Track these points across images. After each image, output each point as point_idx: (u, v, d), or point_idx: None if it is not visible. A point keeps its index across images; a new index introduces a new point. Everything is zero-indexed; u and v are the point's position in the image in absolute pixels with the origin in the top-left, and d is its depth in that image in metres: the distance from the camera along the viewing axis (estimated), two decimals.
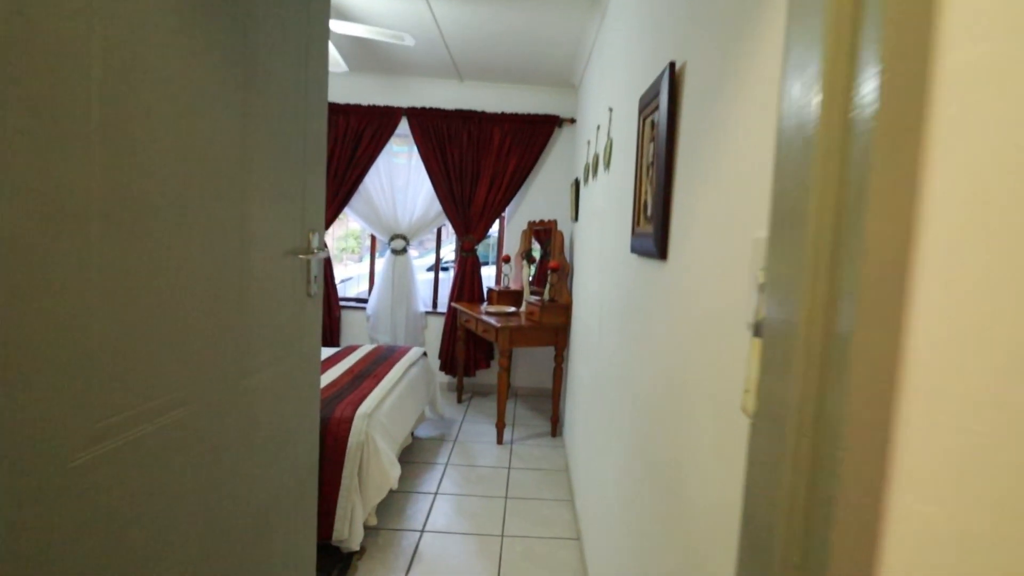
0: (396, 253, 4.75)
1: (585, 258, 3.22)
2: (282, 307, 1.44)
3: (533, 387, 4.84)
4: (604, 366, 2.20)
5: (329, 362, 3.27)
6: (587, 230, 3.22)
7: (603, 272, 2.36)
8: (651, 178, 1.43)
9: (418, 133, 4.59)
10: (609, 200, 2.34)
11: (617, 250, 1.99)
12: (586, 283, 3.12)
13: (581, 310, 3.31)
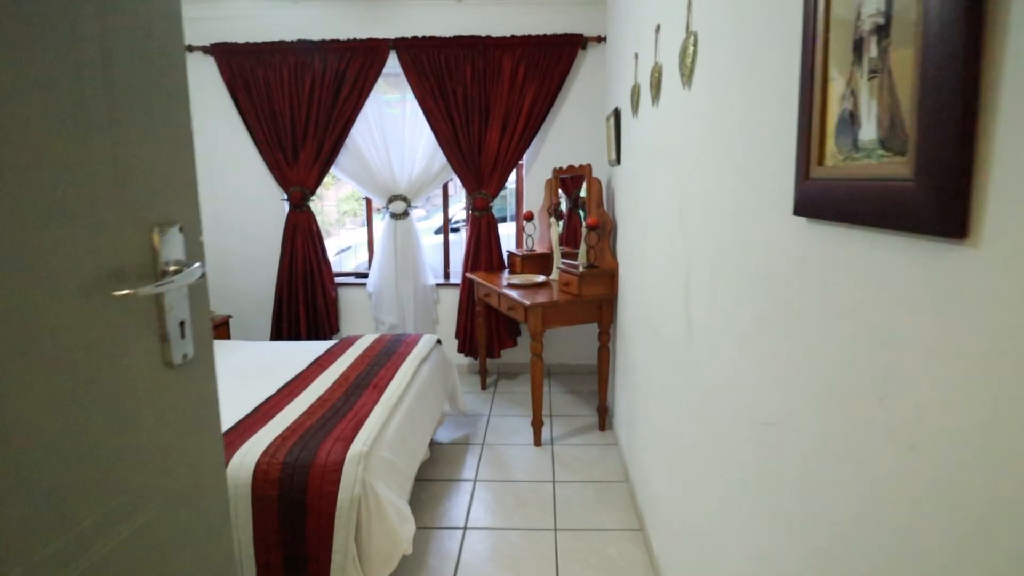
0: (396, 217, 4.00)
1: (637, 211, 2.45)
2: (94, 406, 0.71)
3: (570, 363, 4.16)
4: (705, 379, 1.48)
5: (317, 367, 2.59)
6: (638, 175, 2.44)
7: (695, 237, 1.61)
8: (886, 70, 0.66)
9: (411, 70, 3.75)
10: (695, 128, 1.56)
11: (741, 208, 1.24)
12: (641, 243, 2.37)
13: (634, 277, 2.57)
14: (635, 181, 2.51)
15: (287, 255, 3.98)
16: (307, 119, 3.84)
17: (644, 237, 2.30)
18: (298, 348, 2.95)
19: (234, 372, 2.58)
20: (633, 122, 2.52)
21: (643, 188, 2.32)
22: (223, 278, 4.23)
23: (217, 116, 4.01)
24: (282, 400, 2.19)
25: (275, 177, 3.98)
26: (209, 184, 4.11)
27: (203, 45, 3.88)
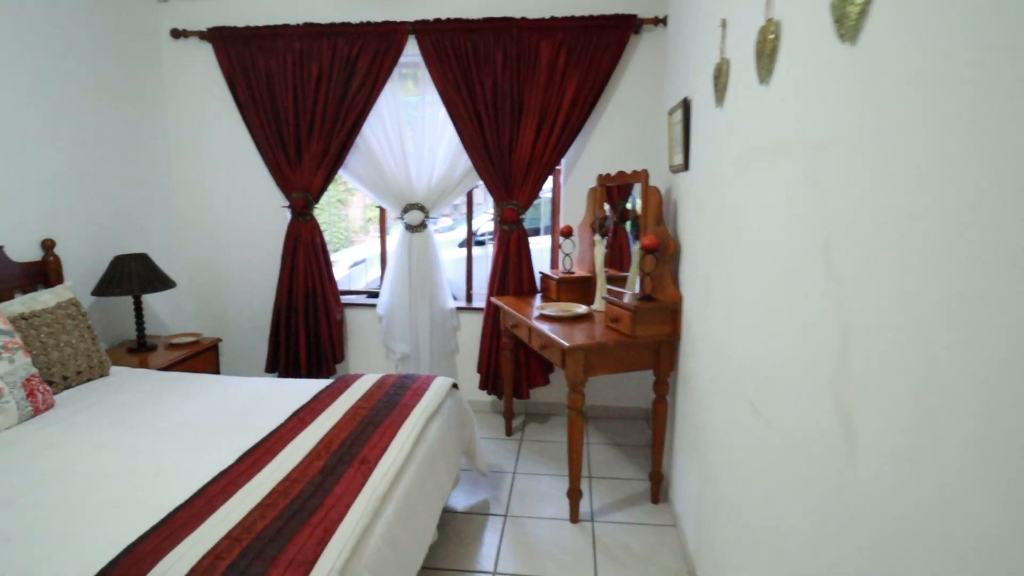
0: (412, 229, 3.44)
1: (720, 231, 1.83)
2: None
3: (613, 406, 3.53)
4: (883, 530, 0.85)
5: (298, 421, 2.02)
6: (722, 184, 1.81)
7: (865, 291, 0.99)
8: None
9: (432, 58, 3.20)
10: (874, 108, 0.94)
11: (993, 250, 0.61)
12: (729, 277, 1.75)
13: (709, 317, 1.95)
14: (716, 192, 1.88)
15: (287, 270, 3.46)
16: (313, 114, 3.32)
17: (735, 270, 1.67)
18: (282, 389, 2.40)
19: (191, 422, 2.04)
20: (715, 113, 1.90)
21: (732, 202, 1.70)
22: (216, 295, 3.73)
23: (214, 111, 3.52)
24: (239, 476, 1.63)
25: (276, 181, 3.47)
26: (204, 188, 3.63)
27: (199, 30, 3.40)
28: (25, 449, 1.83)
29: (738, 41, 1.69)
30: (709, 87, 1.97)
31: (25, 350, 2.18)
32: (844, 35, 1.02)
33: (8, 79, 2.54)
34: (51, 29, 2.75)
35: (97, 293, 2.87)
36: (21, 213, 2.63)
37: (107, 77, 3.10)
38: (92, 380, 2.50)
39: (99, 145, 3.06)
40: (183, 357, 3.02)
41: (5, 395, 2.00)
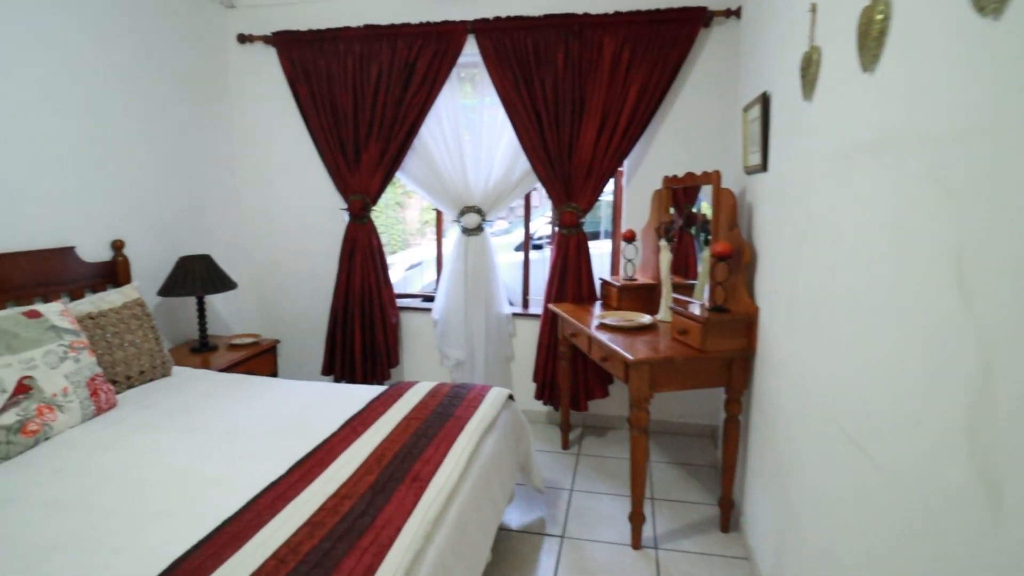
0: (469, 232, 3.36)
1: (808, 242, 1.65)
2: None
3: (677, 422, 3.34)
4: None
5: (351, 431, 1.96)
6: (812, 187, 1.63)
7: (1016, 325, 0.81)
8: None
9: (491, 57, 3.11)
10: None
11: None
12: (819, 290, 1.56)
13: (791, 332, 1.76)
14: (804, 195, 1.70)
15: (344, 273, 3.46)
16: (371, 116, 3.30)
17: (828, 283, 1.49)
18: (336, 396, 2.36)
19: (247, 427, 2.01)
20: (802, 108, 1.72)
21: (825, 206, 1.51)
22: (276, 297, 3.78)
23: (276, 114, 3.56)
24: (289, 489, 1.58)
25: (335, 183, 3.47)
26: (266, 190, 3.67)
27: (264, 35, 3.44)
28: (84, 450, 1.84)
29: (833, 26, 1.51)
30: (794, 80, 1.78)
31: (91, 349, 2.22)
32: (985, 8, 0.84)
33: (85, 85, 2.62)
34: (126, 36, 2.83)
35: (163, 293, 2.93)
36: (93, 214, 2.71)
37: (177, 83, 3.17)
38: (154, 380, 2.54)
39: (168, 148, 3.13)
40: (243, 358, 3.04)
41: (69, 394, 2.03)
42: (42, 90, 2.44)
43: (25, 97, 2.37)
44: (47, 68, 2.46)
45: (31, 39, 2.38)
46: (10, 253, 2.31)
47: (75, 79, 2.58)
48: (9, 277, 2.30)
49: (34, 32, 2.40)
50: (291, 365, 3.77)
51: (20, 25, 2.34)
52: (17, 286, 2.32)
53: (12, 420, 1.84)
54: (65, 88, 2.54)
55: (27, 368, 1.94)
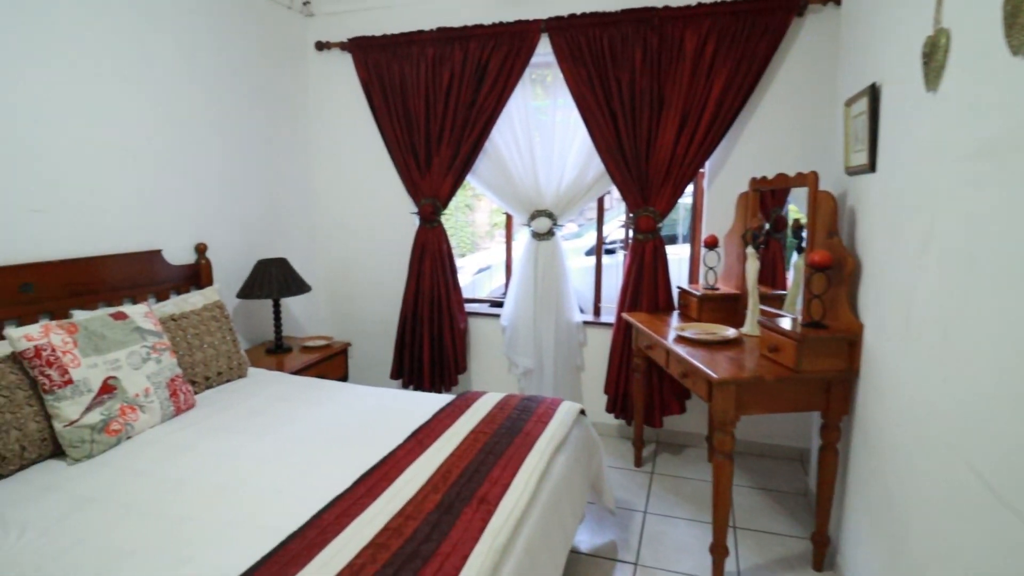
0: (539, 237, 3.26)
1: (930, 254, 1.43)
2: None
3: (761, 442, 3.10)
4: None
5: (416, 443, 1.90)
6: (939, 191, 1.41)
7: None
8: None
9: (565, 56, 3.00)
10: None
11: None
12: (951, 307, 1.35)
13: (906, 355, 1.54)
14: (927, 199, 1.48)
15: (413, 277, 3.44)
16: (443, 119, 3.26)
17: (962, 302, 1.28)
18: (404, 404, 2.32)
19: (315, 434, 2.00)
20: (924, 100, 1.50)
21: (958, 213, 1.30)
22: (348, 300, 3.82)
23: (351, 120, 3.61)
24: (354, 504, 1.53)
25: (406, 187, 3.47)
26: (340, 195, 3.73)
27: (340, 41, 3.48)
28: (162, 452, 1.88)
29: (967, 6, 1.29)
30: (914, 68, 1.56)
31: (172, 351, 2.28)
32: None
33: (173, 96, 2.72)
34: (212, 48, 2.92)
35: (242, 295, 3.01)
36: (179, 219, 2.81)
37: (258, 91, 3.26)
38: (231, 381, 2.59)
39: (249, 154, 3.22)
40: (315, 360, 3.08)
41: (150, 395, 2.09)
42: (133, 101, 2.55)
43: (119, 109, 2.48)
44: (138, 81, 2.56)
45: (129, 54, 2.49)
46: (104, 256, 2.42)
47: (164, 90, 2.68)
48: (103, 278, 2.40)
49: (131, 46, 2.50)
50: (361, 368, 3.80)
51: (120, 41, 2.45)
52: (110, 287, 2.43)
53: (97, 419, 1.90)
54: (154, 99, 2.64)
55: (112, 368, 2.01)
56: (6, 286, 2.07)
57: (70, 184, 2.31)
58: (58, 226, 2.27)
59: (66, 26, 2.26)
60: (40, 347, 1.85)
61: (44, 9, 2.18)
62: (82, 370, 1.92)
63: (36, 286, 2.16)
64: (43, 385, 1.83)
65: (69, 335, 1.95)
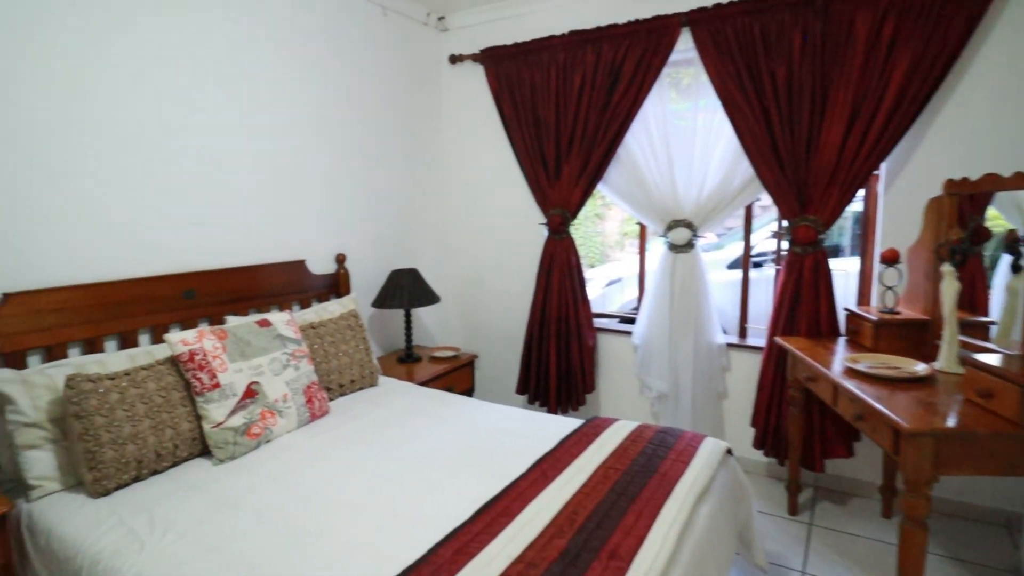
0: (676, 249, 3.00)
1: None
2: None
3: (954, 500, 2.56)
4: None
5: (540, 474, 1.75)
6: None
7: None
8: None
9: (709, 50, 2.72)
10: None
11: None
12: None
13: None
14: None
15: (541, 290, 3.33)
16: (574, 126, 3.12)
17: None
18: (528, 426, 2.19)
19: (438, 452, 1.93)
20: None
21: None
22: (476, 312, 3.80)
23: (481, 131, 3.59)
24: (471, 541, 1.41)
25: (535, 198, 3.37)
26: (470, 206, 3.73)
27: (473, 53, 3.49)
28: (295, 459, 1.91)
29: None
30: None
31: (309, 358, 2.35)
32: None
33: (316, 115, 2.86)
34: (355, 65, 3.04)
35: (376, 305, 3.08)
36: (321, 231, 2.94)
37: (396, 107, 3.35)
38: (363, 389, 2.64)
39: (386, 168, 3.31)
40: (443, 371, 3.07)
41: (288, 401, 2.16)
42: (284, 122, 2.70)
43: (271, 129, 2.64)
44: (289, 103, 2.71)
45: (282, 76, 2.65)
46: (255, 265, 2.57)
47: (312, 110, 2.83)
48: (254, 286, 2.56)
49: (282, 68, 2.66)
50: (488, 379, 3.76)
51: (274, 63, 2.61)
52: (259, 294, 2.58)
53: (240, 423, 1.98)
54: (303, 118, 2.79)
55: (255, 374, 2.10)
56: (172, 292, 2.25)
57: (227, 199, 2.48)
58: (216, 238, 2.45)
59: (224, 48, 2.43)
60: (194, 351, 1.97)
61: (206, 33, 2.36)
62: (229, 374, 2.01)
63: (197, 292, 2.34)
64: (195, 387, 1.94)
65: (219, 341, 2.06)
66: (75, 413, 1.68)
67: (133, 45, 2.11)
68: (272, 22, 2.60)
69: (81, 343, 2.02)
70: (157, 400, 1.86)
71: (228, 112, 2.45)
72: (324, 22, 2.86)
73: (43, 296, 1.89)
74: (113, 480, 1.70)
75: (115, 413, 1.74)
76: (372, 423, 2.22)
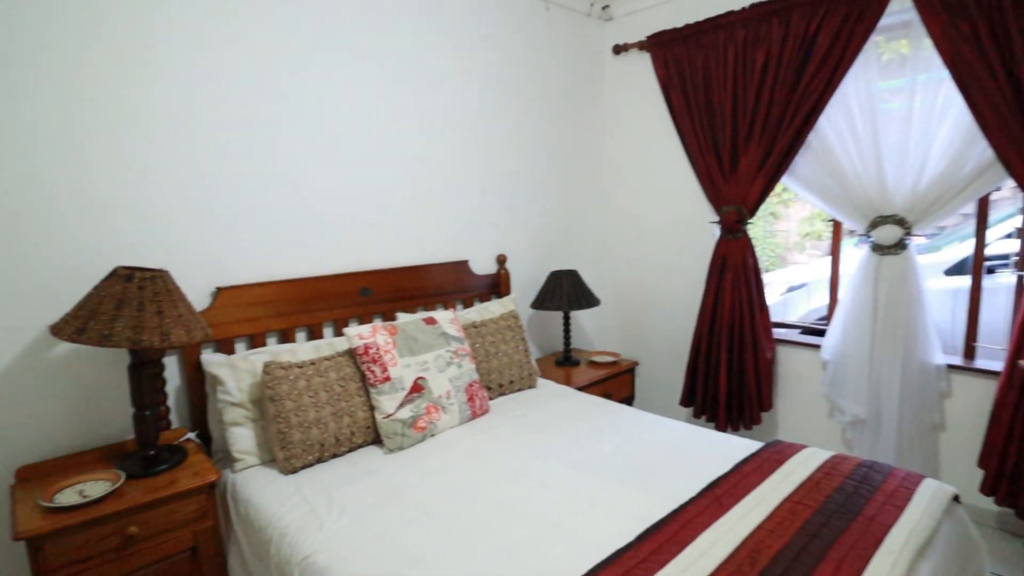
0: (882, 251, 2.55)
1: None
2: None
3: None
4: None
5: (715, 502, 1.56)
6: None
7: None
8: None
9: (934, 7, 2.26)
10: None
11: None
12: None
13: None
14: None
15: (711, 295, 3.05)
16: (754, 112, 2.81)
17: None
18: (698, 445, 1.99)
19: (598, 465, 1.82)
20: None
21: None
22: (638, 316, 3.62)
23: (647, 125, 3.40)
24: (635, 568, 1.28)
25: (706, 193, 3.11)
26: (634, 204, 3.57)
27: (639, 40, 3.31)
28: (456, 455, 1.94)
29: None
30: None
31: (471, 356, 2.38)
32: None
33: (477, 117, 2.91)
34: (518, 65, 3.05)
35: (535, 306, 3.06)
36: (483, 231, 2.99)
37: (558, 103, 3.30)
38: (521, 390, 2.62)
39: (547, 167, 3.28)
40: (602, 377, 2.96)
41: (451, 397, 2.20)
42: (445, 124, 2.78)
43: (434, 132, 2.73)
44: (453, 106, 2.79)
45: (445, 79, 2.74)
46: (423, 265, 2.68)
47: (475, 111, 2.88)
48: (422, 285, 2.67)
49: (447, 71, 2.75)
50: (648, 388, 3.56)
51: (438, 67, 2.71)
52: (427, 293, 2.69)
53: (407, 415, 2.05)
54: (466, 120, 2.85)
55: (421, 369, 2.17)
56: (350, 289, 2.42)
57: (398, 202, 2.61)
58: (389, 239, 2.59)
59: (393, 52, 2.56)
60: (368, 345, 2.08)
61: (378, 42, 2.50)
62: (398, 369, 2.10)
63: (372, 289, 2.49)
64: (368, 379, 2.05)
65: (390, 336, 2.16)
66: (270, 396, 1.86)
67: (328, 62, 2.30)
68: (436, 24, 2.68)
69: (277, 333, 2.24)
70: (337, 389, 1.99)
71: (397, 119, 2.58)
72: (485, 19, 2.88)
73: (247, 291, 2.13)
74: (300, 460, 1.85)
75: (302, 399, 1.89)
76: (531, 426, 2.18)
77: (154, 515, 1.57)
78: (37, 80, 1.67)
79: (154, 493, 1.57)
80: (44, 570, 1.41)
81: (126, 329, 1.54)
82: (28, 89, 1.66)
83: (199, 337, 1.69)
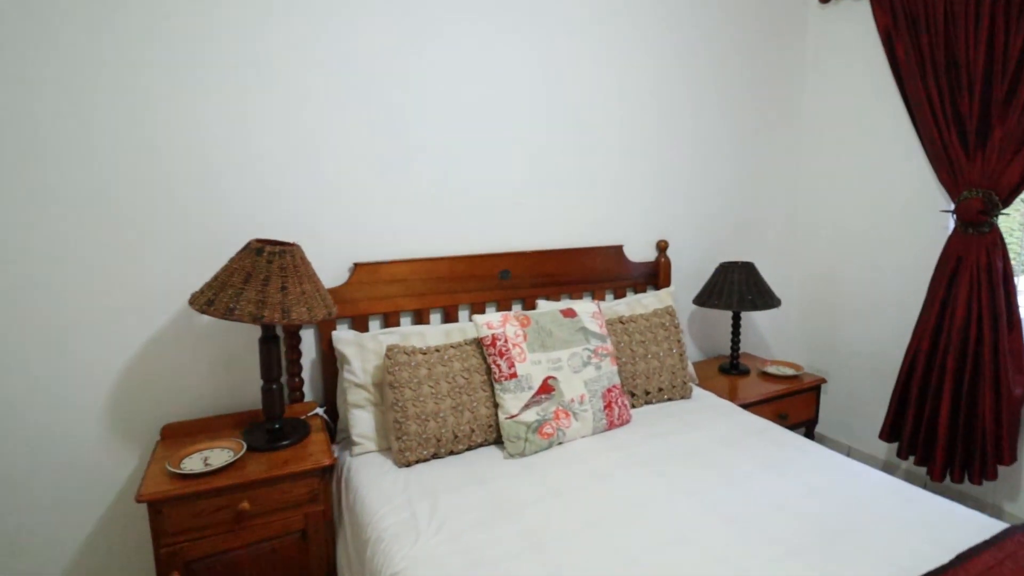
0: None
1: None
2: None
3: None
4: None
5: None
6: None
7: None
8: None
9: None
10: None
11: None
12: None
13: None
14: None
15: (935, 305, 2.37)
16: (1018, 68, 2.07)
17: None
18: (905, 508, 1.48)
19: (756, 518, 1.42)
20: None
21: None
22: (828, 323, 3.00)
23: (857, 89, 2.75)
24: None
25: (938, 175, 2.41)
26: (833, 186, 2.94)
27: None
28: (583, 472, 1.67)
29: None
30: None
31: (613, 357, 2.08)
32: None
33: (649, 84, 2.54)
34: (690, 20, 2.62)
35: (698, 302, 2.64)
36: (641, 213, 2.64)
37: (740, 70, 2.80)
38: (672, 400, 2.25)
39: (722, 143, 2.81)
40: (777, 393, 2.48)
41: (585, 403, 1.92)
42: (607, 94, 2.46)
43: (594, 101, 2.43)
44: (610, 78, 2.46)
45: (609, 51, 2.42)
46: (569, 249, 2.43)
47: (642, 82, 2.52)
48: (567, 271, 2.42)
49: (615, 42, 2.42)
50: (836, 411, 2.94)
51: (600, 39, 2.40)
52: (573, 280, 2.44)
53: (533, 418, 1.83)
54: (630, 90, 2.51)
55: (553, 368, 1.92)
56: (489, 272, 2.25)
57: (543, 177, 2.37)
58: (533, 218, 2.37)
59: (554, 28, 2.30)
60: (496, 336, 1.89)
61: (531, 24, 2.25)
62: (527, 365, 1.88)
63: (512, 273, 2.29)
64: (494, 374, 1.86)
65: (522, 328, 1.94)
66: (390, 383, 1.75)
67: (476, 33, 2.13)
68: None
69: (412, 313, 2.15)
70: (460, 381, 1.84)
71: (549, 86, 2.33)
72: None
73: (383, 268, 2.06)
74: (414, 454, 1.72)
75: (422, 388, 1.76)
76: (677, 450, 1.82)
77: (265, 493, 1.55)
78: (207, 79, 1.75)
79: (266, 471, 1.54)
80: (162, 532, 1.44)
81: (249, 304, 1.52)
82: (206, 85, 1.75)
83: (321, 315, 1.63)
